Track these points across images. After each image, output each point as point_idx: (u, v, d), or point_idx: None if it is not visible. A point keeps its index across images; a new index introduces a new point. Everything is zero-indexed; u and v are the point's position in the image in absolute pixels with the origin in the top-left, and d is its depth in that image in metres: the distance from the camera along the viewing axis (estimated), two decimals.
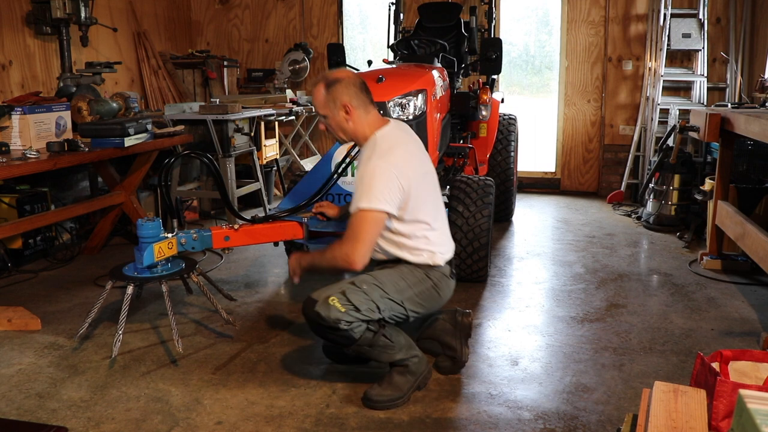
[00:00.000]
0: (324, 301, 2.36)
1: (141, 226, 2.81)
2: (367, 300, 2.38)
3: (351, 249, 2.35)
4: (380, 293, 2.41)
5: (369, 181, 2.36)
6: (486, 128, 5.00)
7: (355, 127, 2.51)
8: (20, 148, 3.82)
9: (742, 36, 5.94)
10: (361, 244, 2.35)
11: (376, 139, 2.49)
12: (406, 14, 6.26)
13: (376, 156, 2.40)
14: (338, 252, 2.38)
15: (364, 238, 2.35)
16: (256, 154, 5.15)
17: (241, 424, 2.35)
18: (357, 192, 2.39)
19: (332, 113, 2.49)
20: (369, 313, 2.38)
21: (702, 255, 4.26)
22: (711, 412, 1.39)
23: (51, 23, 4.92)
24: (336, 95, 2.46)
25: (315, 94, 2.52)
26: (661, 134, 5.86)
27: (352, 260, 2.34)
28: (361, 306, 2.36)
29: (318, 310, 2.35)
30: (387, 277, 2.47)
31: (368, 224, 2.35)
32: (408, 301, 2.47)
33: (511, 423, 2.36)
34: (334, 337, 2.42)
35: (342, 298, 2.36)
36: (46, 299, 3.64)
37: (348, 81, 2.48)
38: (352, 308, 2.35)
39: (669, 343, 3.03)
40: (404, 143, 2.54)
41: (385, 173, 2.36)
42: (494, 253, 4.49)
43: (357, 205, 2.36)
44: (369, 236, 2.36)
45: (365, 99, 2.50)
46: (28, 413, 2.42)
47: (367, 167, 2.39)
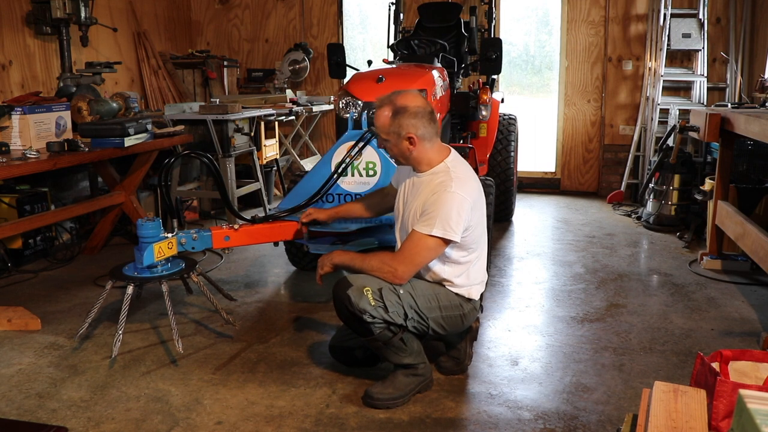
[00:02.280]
0: (359, 289, 2.36)
1: (141, 226, 2.81)
2: (398, 304, 2.39)
3: (403, 267, 2.37)
4: (411, 303, 2.42)
5: (447, 208, 2.34)
6: (486, 128, 5.00)
7: (418, 156, 2.46)
8: (20, 148, 3.82)
9: (742, 36, 5.94)
10: (413, 266, 2.39)
11: (448, 167, 2.46)
12: (406, 14, 6.26)
13: (456, 184, 2.38)
14: (386, 264, 2.40)
15: (418, 262, 2.39)
16: (256, 154, 5.15)
17: (241, 424, 2.35)
18: (429, 215, 2.35)
19: (395, 140, 2.44)
20: (395, 316, 2.39)
21: (702, 255, 4.26)
22: (711, 412, 1.39)
23: (51, 23, 4.92)
24: (402, 124, 2.40)
25: (379, 115, 2.45)
26: (661, 134, 5.86)
27: (398, 276, 2.38)
28: (391, 308, 2.37)
29: (350, 293, 2.35)
30: (423, 290, 2.47)
31: (429, 250, 2.37)
32: (433, 320, 2.48)
33: (511, 423, 2.36)
34: (353, 324, 2.42)
35: (376, 294, 2.36)
36: (46, 299, 3.64)
37: (416, 111, 2.41)
38: (382, 306, 2.35)
39: (669, 343, 3.03)
40: (474, 175, 2.55)
41: (464, 204, 2.37)
42: (494, 253, 4.49)
43: (429, 229, 2.33)
44: (424, 260, 2.40)
45: (433, 129, 2.45)
46: (28, 413, 2.42)
47: (444, 193, 2.36)
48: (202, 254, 4.42)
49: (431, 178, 2.46)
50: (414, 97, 2.47)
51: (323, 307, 3.52)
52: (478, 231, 2.49)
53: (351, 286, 2.37)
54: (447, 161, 2.49)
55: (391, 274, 2.38)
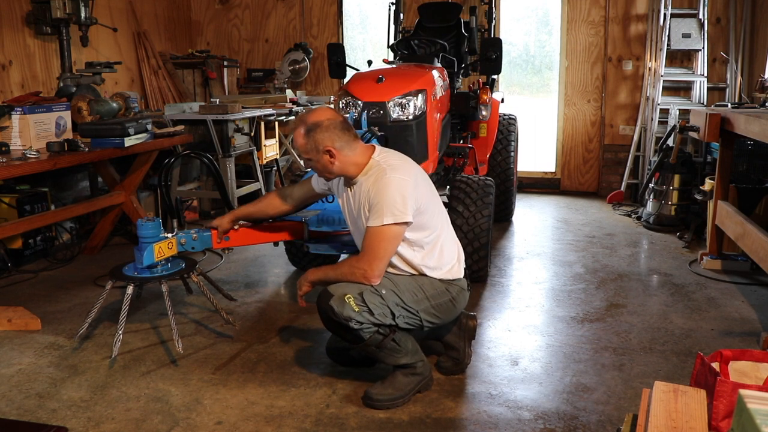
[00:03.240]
0: (340, 297, 2.36)
1: (141, 226, 2.81)
2: (383, 305, 2.39)
3: (369, 265, 2.37)
4: (397, 300, 2.42)
5: (389, 194, 2.33)
6: (486, 128, 5.00)
7: (342, 166, 2.45)
8: (20, 148, 3.82)
9: (742, 36, 5.94)
10: (379, 261, 2.37)
11: (378, 161, 2.46)
12: (406, 14, 6.26)
13: (390, 171, 2.38)
14: (355, 268, 2.39)
15: (382, 256, 2.38)
16: (256, 154, 5.15)
17: (241, 424, 2.35)
18: (375, 207, 2.35)
19: (316, 157, 2.44)
20: (382, 317, 2.38)
21: (702, 255, 4.26)
22: (711, 412, 1.39)
23: (51, 23, 4.92)
24: (317, 141, 2.39)
25: (295, 137, 2.46)
26: (661, 134, 5.86)
27: (369, 276, 2.37)
28: (376, 310, 2.37)
29: (332, 304, 2.35)
30: (406, 285, 2.46)
31: (388, 241, 2.36)
32: (424, 311, 2.47)
33: (511, 423, 2.36)
34: (342, 333, 2.43)
35: (358, 299, 2.36)
36: (46, 299, 3.64)
37: (328, 124, 2.40)
38: (366, 310, 2.35)
39: (669, 343, 3.03)
40: (407, 158, 2.55)
41: (404, 185, 2.36)
42: (494, 253, 4.49)
43: (380, 220, 2.33)
44: (387, 252, 2.39)
45: (349, 136, 2.44)
46: (28, 413, 2.42)
47: (382, 181, 2.36)
48: (202, 254, 4.42)
49: (365, 179, 2.45)
50: (323, 110, 2.48)
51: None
52: (431, 209, 2.48)
53: (332, 297, 2.37)
54: (374, 157, 2.48)
55: (363, 276, 2.38)
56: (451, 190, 3.74)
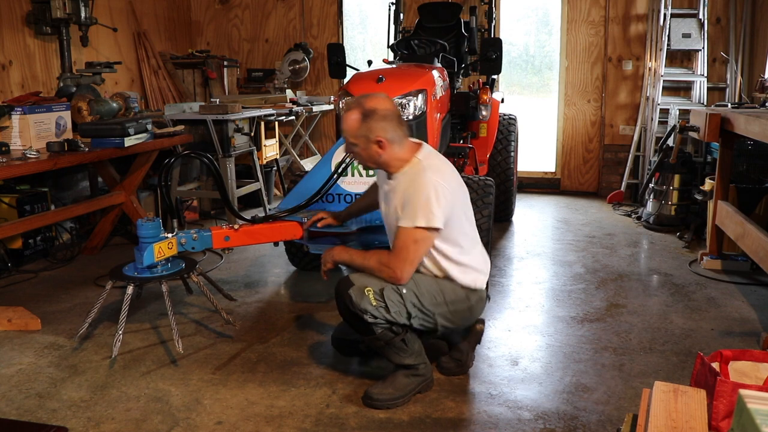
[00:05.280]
0: (359, 288, 2.35)
1: (141, 226, 2.81)
2: (400, 304, 2.38)
3: (400, 267, 2.34)
4: (415, 301, 2.41)
5: (425, 196, 2.30)
6: (486, 128, 5.00)
7: (387, 159, 2.42)
8: (20, 148, 3.82)
9: (742, 36, 5.94)
10: (410, 264, 2.35)
11: (420, 160, 2.42)
12: (406, 14, 6.26)
13: (430, 172, 2.35)
14: (384, 266, 2.37)
15: (413, 259, 2.35)
16: (256, 154, 5.15)
17: (241, 424, 2.35)
18: (410, 207, 2.32)
19: (363, 144, 2.39)
20: (397, 316, 2.38)
21: (702, 255, 4.26)
22: (711, 412, 1.39)
23: (51, 23, 4.92)
24: (371, 128, 2.35)
25: (347, 120, 2.39)
26: (661, 134, 5.86)
27: (398, 277, 2.35)
28: (392, 308, 2.36)
29: (351, 293, 2.35)
30: (428, 287, 2.44)
31: (420, 244, 2.34)
32: (441, 315, 2.47)
33: (511, 423, 2.36)
34: (355, 323, 2.43)
35: (377, 294, 2.35)
36: (46, 299, 3.64)
37: (385, 113, 2.37)
38: (383, 306, 2.35)
39: (669, 343, 3.03)
40: (451, 165, 2.53)
41: (440, 189, 2.33)
42: (494, 253, 4.49)
43: (412, 222, 2.31)
44: (418, 255, 2.37)
45: (402, 131, 2.41)
46: (28, 413, 2.42)
47: (420, 182, 2.33)
48: (202, 254, 4.42)
49: (404, 176, 2.42)
50: (383, 100, 2.43)
51: (323, 307, 3.52)
52: (462, 222, 2.46)
53: (352, 286, 2.37)
54: (419, 155, 2.44)
55: (391, 277, 2.36)
56: None
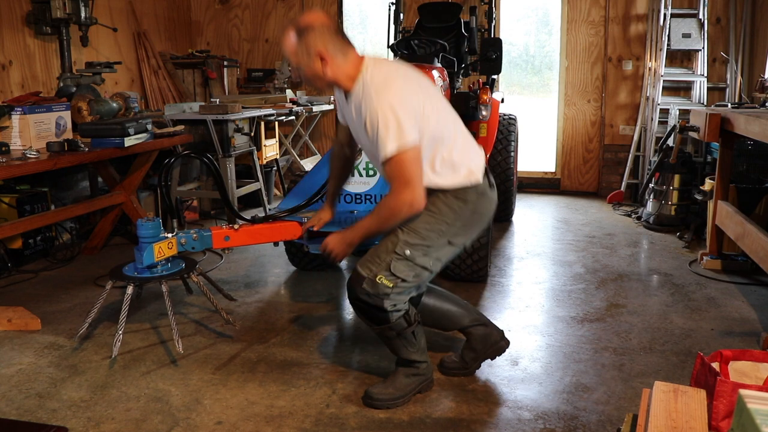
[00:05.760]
0: (370, 280, 2.30)
1: (141, 226, 2.81)
2: (412, 267, 2.32)
3: (411, 194, 2.19)
4: (423, 251, 2.32)
5: (384, 122, 2.16)
6: (486, 128, 5.00)
7: (334, 75, 2.28)
8: (20, 148, 3.82)
9: (742, 36, 5.94)
10: (417, 186, 2.20)
11: (365, 78, 2.27)
12: (406, 14, 6.26)
13: (376, 95, 2.20)
14: (395, 204, 2.22)
15: (412, 178, 2.20)
16: (256, 154, 5.15)
17: (241, 424, 2.35)
18: (380, 139, 2.18)
19: (306, 63, 2.27)
20: (418, 278, 2.34)
21: (702, 255, 4.26)
22: (711, 412, 1.39)
23: (51, 23, 4.92)
24: (309, 44, 2.24)
25: (285, 41, 2.30)
26: (661, 134, 5.86)
27: (417, 205, 2.22)
28: (408, 276, 2.31)
29: (365, 287, 2.32)
30: (424, 225, 2.32)
31: (409, 163, 2.19)
32: (454, 237, 2.38)
33: (511, 423, 2.36)
34: (372, 314, 2.38)
35: (388, 275, 2.30)
36: (46, 299, 3.64)
37: (321, 27, 2.25)
38: (401, 280, 2.31)
39: (669, 343, 3.03)
40: (395, 68, 2.36)
41: (396, 104, 2.18)
42: (494, 253, 4.49)
43: (388, 150, 2.16)
44: (416, 172, 2.21)
45: (342, 42, 2.27)
46: (28, 413, 2.42)
47: (374, 108, 2.19)
48: (202, 254, 4.42)
49: (359, 94, 2.27)
50: (317, 14, 2.33)
51: (323, 307, 3.52)
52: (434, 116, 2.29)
53: (363, 280, 2.32)
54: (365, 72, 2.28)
55: (411, 208, 2.21)
56: None
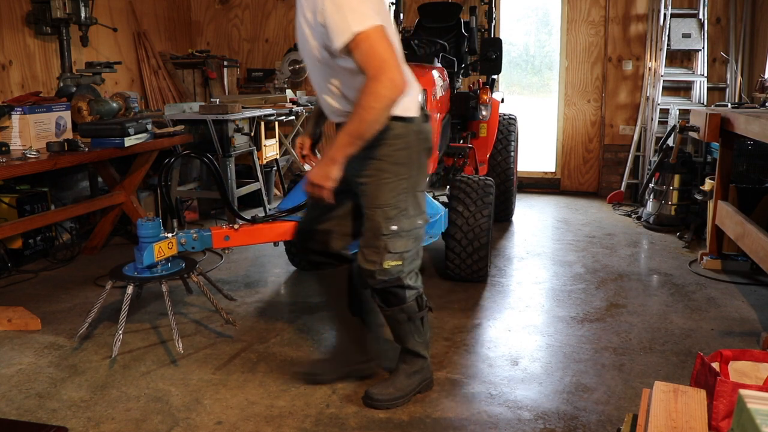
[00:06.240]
0: (380, 267, 2.28)
1: (141, 226, 2.81)
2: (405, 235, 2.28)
3: (388, 73, 2.00)
4: (404, 215, 2.27)
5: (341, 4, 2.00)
6: (486, 128, 5.00)
7: None
8: (20, 148, 3.82)
9: (742, 36, 5.94)
10: (393, 65, 2.01)
11: None
12: (406, 14, 6.26)
13: None
14: (376, 89, 2.01)
15: (390, 59, 2.01)
16: (256, 154, 5.15)
17: (241, 424, 2.35)
18: (341, 20, 2.00)
19: None
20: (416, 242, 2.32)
21: (702, 255, 4.26)
22: (711, 412, 1.39)
23: (51, 23, 4.92)
24: None
25: None
26: (661, 134, 5.86)
27: (396, 83, 2.01)
28: (408, 245, 2.30)
29: (378, 278, 2.30)
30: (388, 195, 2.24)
31: (380, 42, 2.00)
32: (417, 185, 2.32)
33: (511, 423, 2.36)
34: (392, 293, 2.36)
35: (391, 256, 2.27)
36: (46, 299, 3.64)
37: None
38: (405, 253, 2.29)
39: (669, 343, 3.03)
40: None
41: None
42: (494, 253, 4.49)
43: (351, 31, 1.99)
44: (392, 54, 2.02)
45: None
46: (28, 413, 2.42)
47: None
48: (202, 254, 4.42)
49: None
50: None
51: (323, 307, 3.52)
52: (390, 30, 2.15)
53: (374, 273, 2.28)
54: None
55: (393, 88, 2.01)
56: (451, 190, 3.74)
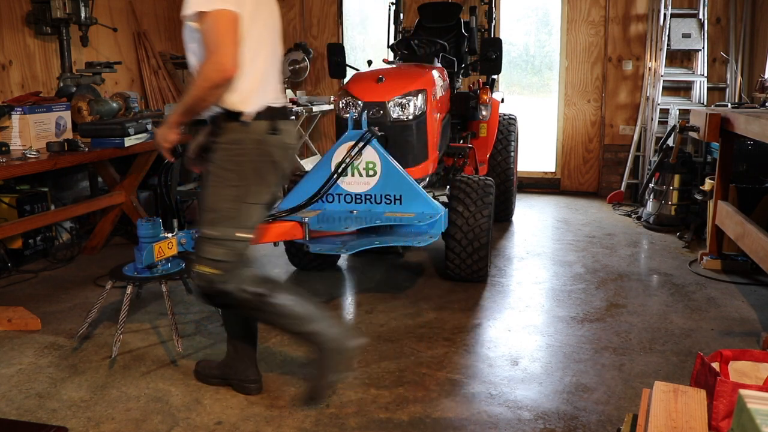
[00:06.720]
0: (197, 273, 2.22)
1: (141, 226, 2.81)
2: (221, 243, 2.18)
3: (218, 57, 2.01)
4: (225, 224, 2.19)
5: None
6: (486, 128, 5.00)
7: None
8: (20, 148, 3.83)
9: (742, 36, 5.94)
10: (226, 51, 2.02)
11: None
12: (406, 14, 6.26)
13: None
14: (206, 69, 2.03)
15: (223, 41, 2.02)
16: None
17: (241, 424, 2.35)
18: None
19: None
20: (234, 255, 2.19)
21: (702, 255, 4.26)
22: (711, 412, 1.39)
23: (51, 23, 4.91)
24: None
25: None
26: (661, 134, 5.86)
27: (223, 67, 2.02)
28: (222, 255, 2.18)
29: (197, 282, 2.24)
30: (213, 199, 2.21)
31: (219, 24, 2.01)
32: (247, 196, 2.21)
33: (511, 423, 2.36)
34: (217, 300, 2.32)
35: (207, 262, 2.19)
36: (46, 299, 3.64)
37: None
38: (219, 263, 2.19)
39: (669, 343, 3.03)
40: None
41: None
42: (494, 253, 4.49)
43: (194, 8, 2.04)
44: (228, 37, 2.03)
45: None
46: (28, 413, 2.42)
47: None
48: None
49: None
50: None
51: (323, 307, 3.52)
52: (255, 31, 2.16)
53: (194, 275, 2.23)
54: None
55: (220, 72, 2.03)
56: (451, 190, 3.74)
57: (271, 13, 2.32)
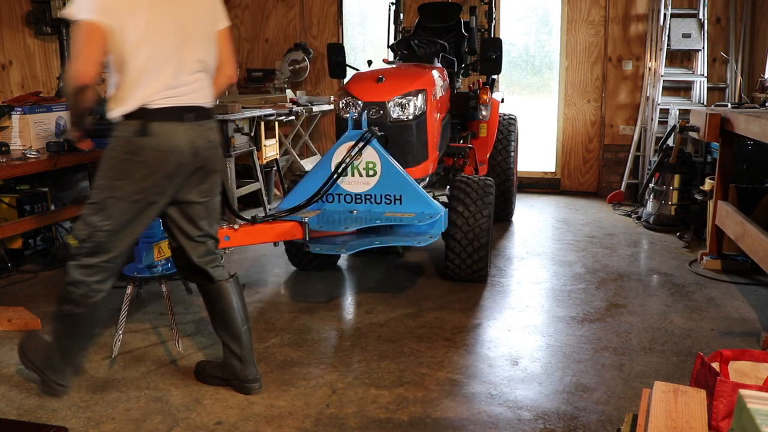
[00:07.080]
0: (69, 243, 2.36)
1: None
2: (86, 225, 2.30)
3: (73, 64, 2.21)
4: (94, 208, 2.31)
5: None
6: (486, 128, 5.00)
7: None
8: (20, 148, 3.82)
9: (742, 36, 5.94)
10: (81, 58, 2.18)
11: None
12: (406, 14, 6.26)
13: None
14: (66, 79, 2.26)
15: (80, 50, 2.18)
16: (256, 154, 5.15)
17: (241, 424, 2.35)
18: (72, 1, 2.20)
19: None
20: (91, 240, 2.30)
21: (702, 255, 4.26)
22: (711, 412, 1.39)
23: (51, 23, 4.92)
24: None
25: None
26: (661, 134, 5.86)
27: (76, 74, 2.20)
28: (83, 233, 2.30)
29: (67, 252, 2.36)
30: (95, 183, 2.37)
31: (81, 35, 2.17)
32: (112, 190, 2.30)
33: (511, 423, 2.36)
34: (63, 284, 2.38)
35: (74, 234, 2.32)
36: (46, 299, 3.63)
37: None
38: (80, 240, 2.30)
39: (669, 343, 3.03)
40: None
41: None
42: (494, 253, 4.49)
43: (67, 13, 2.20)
44: (86, 47, 2.17)
45: None
46: (28, 413, 2.42)
47: None
48: None
49: None
50: None
51: (323, 307, 3.52)
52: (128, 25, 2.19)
53: None
54: None
55: (75, 78, 2.21)
56: (451, 190, 3.74)
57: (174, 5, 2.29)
